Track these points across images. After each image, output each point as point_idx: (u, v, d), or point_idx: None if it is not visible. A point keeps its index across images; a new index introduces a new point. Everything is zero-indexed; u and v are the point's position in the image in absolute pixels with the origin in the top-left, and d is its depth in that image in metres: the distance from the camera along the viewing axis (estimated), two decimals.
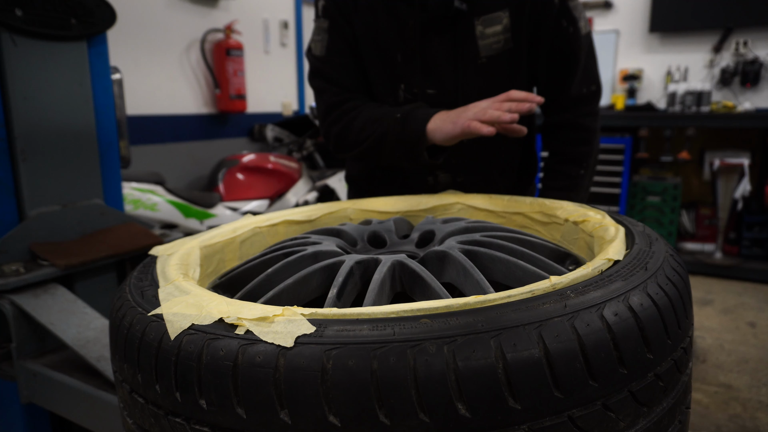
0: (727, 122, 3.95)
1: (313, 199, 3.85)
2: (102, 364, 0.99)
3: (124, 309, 0.55)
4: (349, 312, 0.46)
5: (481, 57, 1.12)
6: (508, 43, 1.12)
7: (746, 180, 3.98)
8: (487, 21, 1.10)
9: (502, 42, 1.12)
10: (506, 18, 1.10)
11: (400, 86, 1.17)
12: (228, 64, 3.82)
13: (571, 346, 0.42)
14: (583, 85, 1.21)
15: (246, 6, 4.18)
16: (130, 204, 2.72)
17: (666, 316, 0.49)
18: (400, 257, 0.64)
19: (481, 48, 1.11)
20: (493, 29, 1.11)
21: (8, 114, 1.19)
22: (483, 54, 1.12)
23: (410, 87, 1.16)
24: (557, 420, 0.42)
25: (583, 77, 1.20)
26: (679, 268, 0.57)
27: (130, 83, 3.26)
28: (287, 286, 0.62)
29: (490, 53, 1.12)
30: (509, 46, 1.12)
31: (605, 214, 0.77)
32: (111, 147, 1.43)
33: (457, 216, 0.95)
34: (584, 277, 0.51)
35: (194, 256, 0.71)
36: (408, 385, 0.40)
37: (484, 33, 1.11)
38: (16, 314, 1.08)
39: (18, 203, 1.24)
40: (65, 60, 1.28)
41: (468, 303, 0.45)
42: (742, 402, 2.35)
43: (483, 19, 1.10)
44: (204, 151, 3.92)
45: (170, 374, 0.46)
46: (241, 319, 0.46)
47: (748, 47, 4.23)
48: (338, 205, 1.01)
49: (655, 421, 0.48)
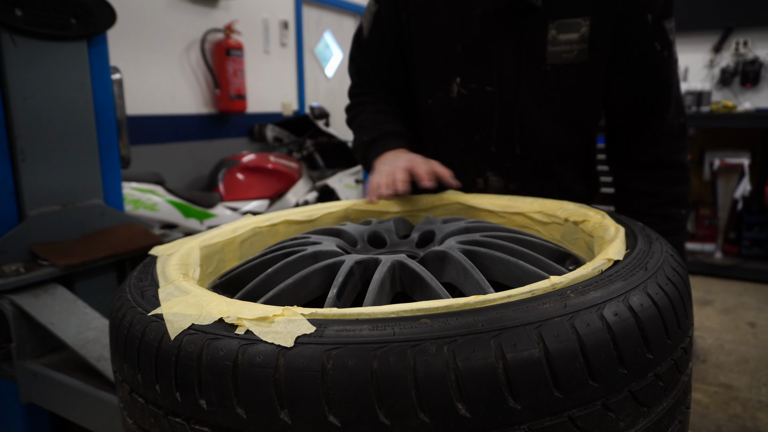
0: (727, 122, 3.95)
1: (313, 199, 3.86)
2: (102, 364, 0.99)
3: (124, 309, 0.55)
4: (349, 312, 0.46)
5: (546, 64, 1.02)
6: (582, 54, 1.00)
7: (746, 180, 3.98)
8: (562, 26, 0.99)
9: (576, 52, 1.00)
10: (585, 27, 0.99)
11: (455, 79, 1.09)
12: (228, 64, 3.83)
13: (571, 346, 0.42)
14: (675, 117, 1.08)
15: (246, 6, 4.18)
16: (130, 204, 2.73)
17: (666, 316, 0.49)
18: (400, 257, 0.64)
19: (549, 54, 1.01)
20: (567, 36, 1.00)
21: (8, 114, 1.19)
22: (549, 61, 1.02)
23: (467, 81, 1.08)
24: (557, 420, 0.42)
25: (677, 108, 1.07)
26: (679, 268, 0.57)
27: (130, 83, 3.26)
28: (287, 286, 0.62)
29: (557, 62, 1.01)
30: (583, 58, 1.01)
31: (605, 214, 0.77)
32: (111, 147, 1.43)
33: (457, 216, 0.95)
34: (584, 277, 0.51)
35: (194, 256, 0.71)
36: (408, 385, 0.40)
37: (556, 38, 1.00)
38: (16, 314, 1.08)
39: (18, 203, 1.24)
40: (65, 60, 1.28)
41: (468, 303, 0.45)
42: (742, 402, 2.35)
43: (559, 23, 0.99)
44: (204, 151, 3.92)
45: (170, 374, 0.46)
46: (241, 319, 0.46)
47: (748, 47, 4.23)
48: (338, 205, 1.01)
49: (655, 421, 0.48)
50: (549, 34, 1.00)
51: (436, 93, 1.13)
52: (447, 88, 1.11)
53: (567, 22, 0.99)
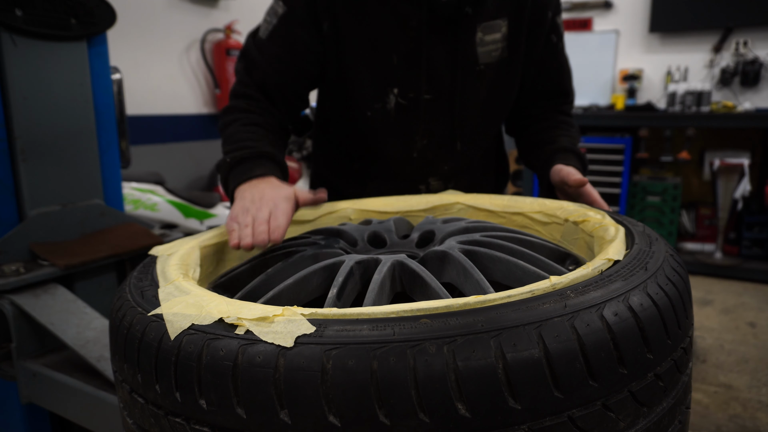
0: (727, 122, 3.94)
1: None
2: (102, 364, 0.99)
3: (124, 309, 0.55)
4: (349, 312, 0.46)
5: (479, 64, 1.10)
6: (504, 52, 1.11)
7: (746, 180, 3.98)
8: (487, 28, 1.08)
9: (500, 50, 1.10)
10: (505, 27, 1.09)
11: (392, 90, 1.09)
12: (228, 64, 3.82)
13: (571, 346, 0.42)
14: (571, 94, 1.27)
15: (246, 6, 4.18)
16: (130, 204, 2.73)
17: (666, 316, 0.49)
18: (400, 257, 0.64)
19: (480, 55, 1.09)
20: (492, 37, 1.09)
21: (8, 114, 1.19)
22: (481, 61, 1.10)
23: (405, 91, 1.09)
24: (557, 420, 0.42)
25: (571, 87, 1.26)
26: (679, 268, 0.57)
27: (130, 83, 3.26)
28: (287, 286, 0.62)
29: (488, 60, 1.10)
30: (505, 55, 1.11)
31: (605, 214, 0.77)
32: (111, 147, 1.43)
33: (457, 216, 0.95)
34: (584, 277, 0.51)
35: (194, 256, 0.71)
36: (408, 385, 0.40)
37: (483, 40, 1.08)
38: (16, 314, 1.08)
39: (18, 203, 1.24)
40: (65, 60, 1.28)
41: (468, 303, 0.45)
42: (742, 402, 2.35)
43: (484, 25, 1.07)
44: (204, 151, 3.92)
45: (170, 374, 0.46)
46: (241, 319, 0.46)
47: (748, 47, 4.22)
48: (338, 205, 1.01)
49: (655, 421, 0.48)
50: (477, 36, 1.08)
51: (373, 105, 1.11)
52: (384, 99, 1.10)
53: (490, 24, 1.08)
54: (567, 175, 0.99)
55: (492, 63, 1.11)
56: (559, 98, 1.24)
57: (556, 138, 1.16)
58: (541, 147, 1.16)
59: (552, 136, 1.17)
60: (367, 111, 1.12)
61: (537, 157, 1.17)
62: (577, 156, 1.11)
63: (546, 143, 1.16)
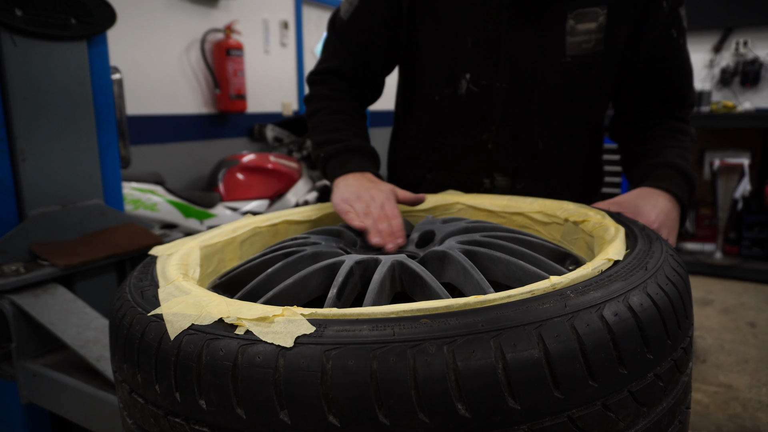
0: (727, 122, 3.95)
1: (313, 199, 3.85)
2: (102, 364, 0.99)
3: (124, 309, 0.55)
4: (348, 312, 0.46)
5: (566, 55, 0.98)
6: (599, 44, 0.97)
7: (746, 180, 3.98)
8: (581, 16, 0.96)
9: (593, 42, 0.97)
10: (603, 16, 0.95)
11: (464, 75, 1.03)
12: (228, 64, 3.83)
13: (571, 346, 0.42)
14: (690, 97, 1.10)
15: (246, 6, 4.18)
16: (130, 204, 2.73)
17: (666, 317, 0.49)
18: (400, 257, 0.64)
19: (569, 45, 0.98)
20: (586, 26, 0.96)
21: (8, 114, 1.19)
22: (569, 52, 0.98)
23: (477, 78, 1.02)
24: (557, 420, 0.42)
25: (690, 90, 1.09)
26: (679, 268, 0.57)
27: (130, 83, 3.26)
28: (287, 286, 0.62)
29: (576, 52, 0.98)
30: (599, 48, 0.98)
31: (605, 214, 0.77)
32: (111, 147, 1.43)
33: (457, 216, 0.95)
34: (584, 277, 0.51)
35: (194, 256, 0.71)
36: (408, 386, 0.40)
37: (575, 29, 0.96)
38: (16, 314, 1.08)
39: (18, 203, 1.24)
40: (65, 60, 1.28)
41: (468, 303, 0.45)
42: (742, 402, 2.35)
43: (577, 12, 0.95)
44: (204, 151, 3.92)
45: (170, 374, 0.46)
46: (241, 319, 0.46)
47: (748, 47, 4.23)
48: None
49: (655, 422, 0.48)
50: (568, 24, 0.96)
51: (443, 89, 1.06)
52: (455, 84, 1.04)
53: (585, 11, 0.96)
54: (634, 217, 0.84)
55: (582, 56, 0.98)
56: (674, 102, 1.08)
57: (660, 150, 1.00)
58: (641, 160, 1.02)
59: (656, 148, 1.02)
60: (435, 95, 1.08)
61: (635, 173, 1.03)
62: (681, 173, 0.95)
63: (647, 155, 1.02)
